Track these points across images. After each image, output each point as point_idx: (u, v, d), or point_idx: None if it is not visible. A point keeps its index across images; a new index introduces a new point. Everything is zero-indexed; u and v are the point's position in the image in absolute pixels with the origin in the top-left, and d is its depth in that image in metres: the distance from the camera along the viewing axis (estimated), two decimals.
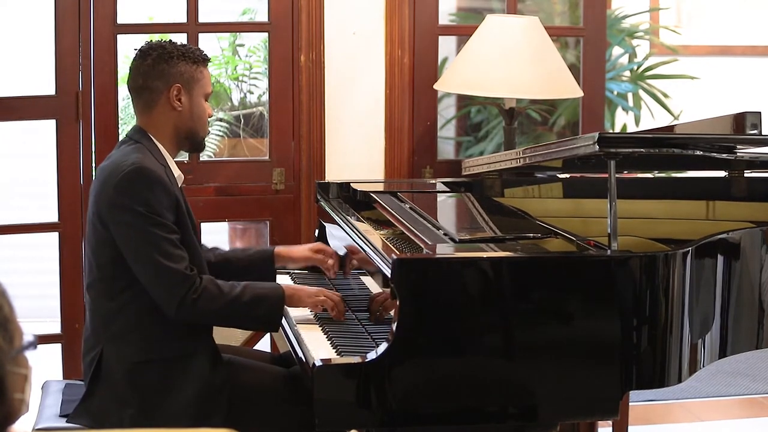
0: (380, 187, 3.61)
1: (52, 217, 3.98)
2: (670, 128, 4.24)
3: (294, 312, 3.02)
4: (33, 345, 1.47)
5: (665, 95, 6.10)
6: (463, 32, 4.86)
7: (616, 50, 6.11)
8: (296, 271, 3.45)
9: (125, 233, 2.76)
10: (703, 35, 6.64)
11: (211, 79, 3.03)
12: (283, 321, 2.99)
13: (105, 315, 2.83)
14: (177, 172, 2.94)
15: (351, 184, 3.59)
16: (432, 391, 2.57)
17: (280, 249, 3.24)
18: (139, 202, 2.75)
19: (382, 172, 4.07)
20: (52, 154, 3.92)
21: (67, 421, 2.83)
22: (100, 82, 3.89)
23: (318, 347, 2.74)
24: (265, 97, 5.17)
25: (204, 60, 2.97)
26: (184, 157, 3.93)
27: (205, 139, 3.03)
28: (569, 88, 3.92)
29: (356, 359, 2.57)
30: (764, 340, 3.00)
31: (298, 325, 2.93)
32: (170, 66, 2.92)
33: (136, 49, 2.99)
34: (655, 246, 2.87)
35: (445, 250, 2.73)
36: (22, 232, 4.40)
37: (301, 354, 2.72)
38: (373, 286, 3.20)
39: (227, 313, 2.80)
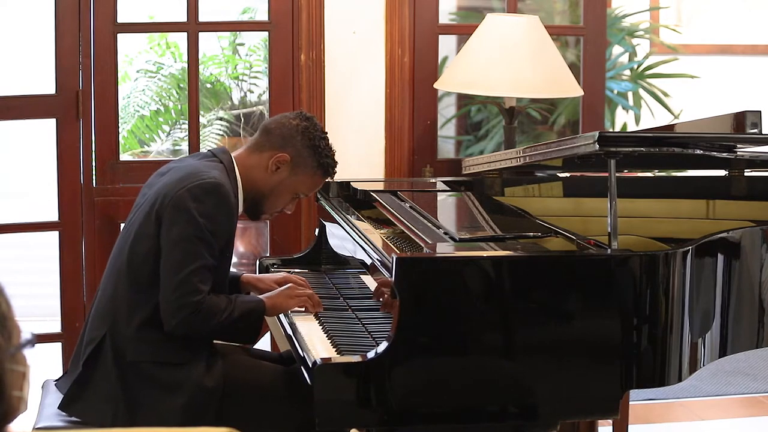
0: (380, 186, 3.61)
1: (52, 216, 3.98)
2: (670, 127, 4.24)
3: (294, 310, 3.02)
4: (31, 343, 1.47)
5: (665, 94, 6.10)
6: (463, 31, 4.86)
7: (617, 49, 6.11)
8: (296, 270, 3.45)
9: (175, 235, 2.75)
10: (703, 34, 6.64)
11: (315, 189, 3.06)
12: (284, 320, 2.99)
13: (119, 304, 2.83)
14: (241, 208, 2.96)
15: (351, 183, 3.59)
16: (432, 390, 2.57)
17: (247, 276, 3.19)
18: (204, 213, 2.75)
19: (382, 171, 4.08)
20: (52, 154, 3.92)
21: (58, 407, 2.83)
22: (101, 82, 3.89)
23: (318, 346, 2.74)
24: (266, 96, 5.17)
25: (326, 172, 2.97)
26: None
27: (262, 216, 3.03)
28: (569, 87, 3.92)
29: (356, 358, 2.57)
30: (764, 339, 3.00)
31: (298, 323, 2.93)
32: (301, 143, 2.93)
33: (301, 111, 3.06)
34: (656, 245, 2.87)
35: (445, 249, 2.73)
36: (22, 232, 4.40)
37: (301, 353, 2.72)
38: (373, 285, 3.19)
39: (216, 331, 2.81)
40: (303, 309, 2.99)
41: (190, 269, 2.72)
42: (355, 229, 3.12)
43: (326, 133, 3.00)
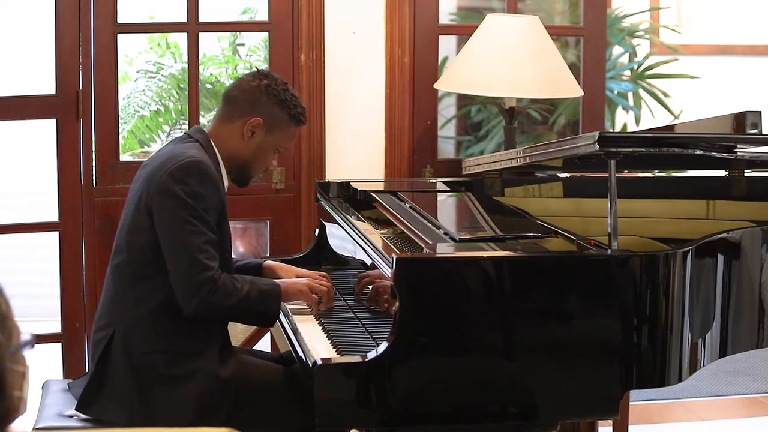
0: (380, 187, 3.61)
1: (52, 216, 3.98)
2: (670, 127, 4.24)
3: (294, 310, 3.02)
4: (31, 343, 1.47)
5: (665, 94, 6.10)
6: (463, 32, 4.86)
7: (617, 49, 6.11)
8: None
9: (168, 220, 2.76)
10: (703, 34, 6.63)
11: (292, 139, 3.08)
12: (284, 320, 2.99)
13: (124, 299, 2.83)
14: (226, 182, 2.96)
15: (351, 183, 3.59)
16: (432, 391, 2.57)
17: (269, 263, 3.20)
18: (190, 193, 2.76)
19: (382, 171, 4.07)
20: (52, 154, 3.92)
21: (75, 409, 2.83)
22: (101, 82, 3.89)
23: (318, 346, 2.75)
24: None
25: (299, 121, 2.99)
26: None
27: (250, 181, 3.04)
28: (569, 88, 3.92)
29: (356, 358, 2.57)
30: (764, 339, 3.00)
31: (298, 324, 2.93)
32: (269, 102, 2.94)
33: (257, 69, 3.01)
34: (656, 245, 2.87)
35: (445, 249, 2.73)
36: (22, 232, 4.40)
37: (301, 353, 2.72)
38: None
39: (235, 311, 2.82)
40: (317, 299, 2.98)
41: (194, 248, 2.73)
42: (355, 229, 3.12)
43: (286, 82, 3.00)
